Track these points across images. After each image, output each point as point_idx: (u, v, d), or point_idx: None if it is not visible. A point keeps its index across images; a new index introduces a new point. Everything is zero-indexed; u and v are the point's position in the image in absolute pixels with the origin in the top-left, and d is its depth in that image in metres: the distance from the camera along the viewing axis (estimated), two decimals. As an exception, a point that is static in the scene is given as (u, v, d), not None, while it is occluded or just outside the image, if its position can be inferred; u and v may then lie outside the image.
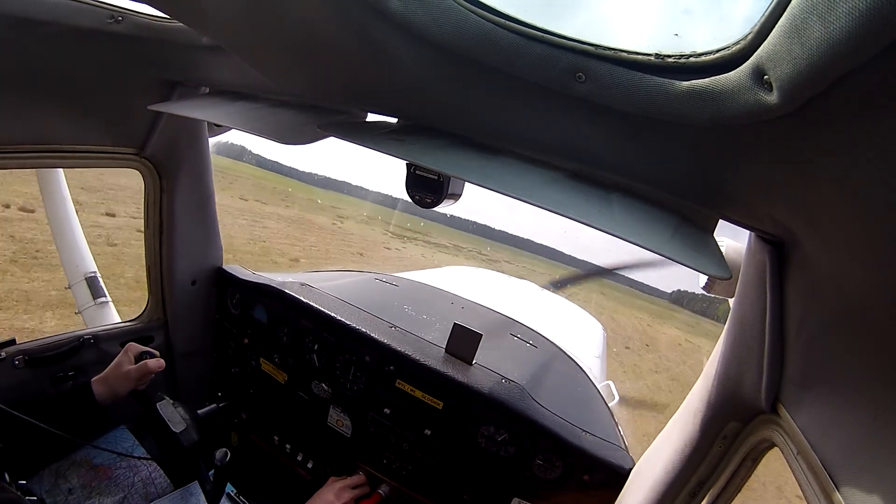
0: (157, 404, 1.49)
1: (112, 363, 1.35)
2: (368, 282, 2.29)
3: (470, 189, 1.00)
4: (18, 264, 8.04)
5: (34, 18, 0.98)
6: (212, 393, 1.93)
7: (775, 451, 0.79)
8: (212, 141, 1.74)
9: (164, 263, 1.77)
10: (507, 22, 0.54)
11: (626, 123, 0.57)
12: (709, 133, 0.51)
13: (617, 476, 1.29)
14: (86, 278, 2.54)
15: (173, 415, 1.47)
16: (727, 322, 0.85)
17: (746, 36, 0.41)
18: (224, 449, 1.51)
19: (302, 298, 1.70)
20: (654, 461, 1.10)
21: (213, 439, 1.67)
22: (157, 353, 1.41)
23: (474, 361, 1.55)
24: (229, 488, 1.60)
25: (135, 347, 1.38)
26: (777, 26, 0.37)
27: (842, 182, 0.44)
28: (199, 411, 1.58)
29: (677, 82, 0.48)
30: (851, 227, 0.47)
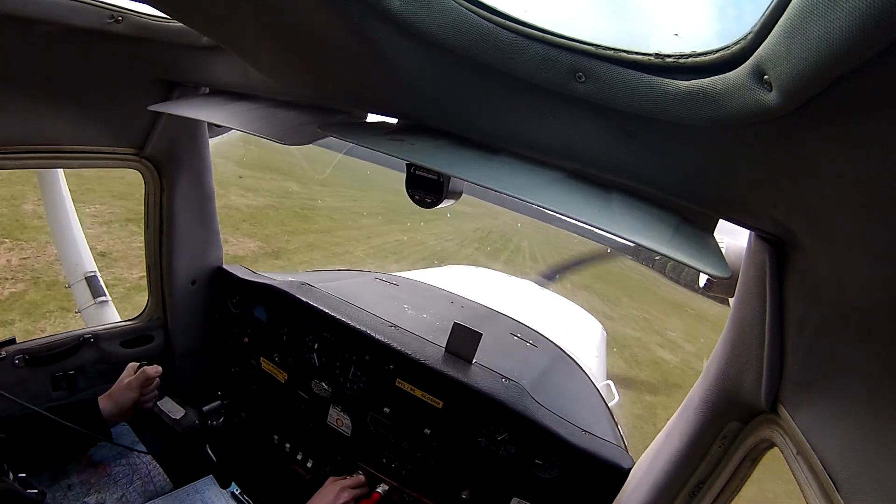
0: (157, 402, 1.50)
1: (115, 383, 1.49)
2: (368, 281, 2.30)
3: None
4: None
5: (34, 18, 0.98)
6: (212, 392, 1.93)
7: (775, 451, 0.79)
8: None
9: (164, 263, 1.77)
10: (507, 22, 0.54)
11: (626, 123, 0.57)
12: (709, 133, 0.51)
13: (616, 475, 1.29)
14: (86, 278, 2.55)
15: (173, 407, 1.50)
16: (727, 322, 0.85)
17: (746, 36, 0.41)
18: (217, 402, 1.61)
19: (302, 298, 1.70)
20: (653, 461, 1.10)
21: (218, 438, 1.68)
22: (153, 364, 1.55)
23: (474, 361, 1.55)
24: (233, 487, 1.61)
25: (134, 364, 1.53)
26: (777, 26, 0.37)
27: (842, 182, 0.44)
28: (203, 408, 1.63)
29: (677, 82, 0.48)
30: (851, 227, 0.47)
